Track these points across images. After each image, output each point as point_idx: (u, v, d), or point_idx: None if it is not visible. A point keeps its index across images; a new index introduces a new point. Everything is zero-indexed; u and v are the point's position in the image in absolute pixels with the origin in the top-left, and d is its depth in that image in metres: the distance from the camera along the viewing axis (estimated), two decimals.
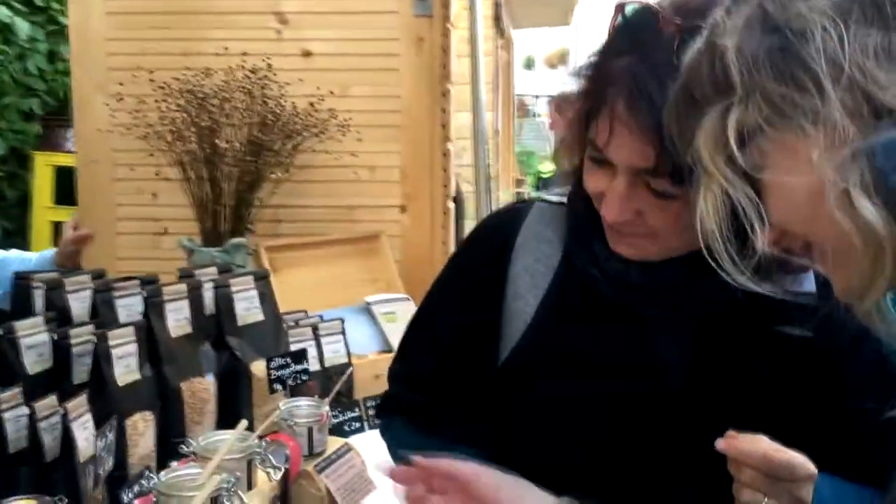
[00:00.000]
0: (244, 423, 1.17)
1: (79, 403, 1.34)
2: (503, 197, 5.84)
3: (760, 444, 0.88)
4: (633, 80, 0.84)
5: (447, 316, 1.14)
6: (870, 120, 0.60)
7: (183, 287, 1.66)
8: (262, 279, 1.82)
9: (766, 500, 0.88)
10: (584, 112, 0.92)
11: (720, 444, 0.88)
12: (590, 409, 1.02)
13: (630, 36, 0.88)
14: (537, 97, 19.99)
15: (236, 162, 2.08)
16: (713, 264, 0.73)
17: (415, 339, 1.19)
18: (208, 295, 1.73)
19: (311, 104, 2.23)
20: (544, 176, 5.67)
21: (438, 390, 1.13)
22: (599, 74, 0.91)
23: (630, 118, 0.85)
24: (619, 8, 0.90)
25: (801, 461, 0.87)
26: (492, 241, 1.11)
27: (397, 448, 1.11)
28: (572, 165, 1.00)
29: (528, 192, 10.19)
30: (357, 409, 1.95)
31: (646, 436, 1.00)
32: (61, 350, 1.48)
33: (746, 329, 0.98)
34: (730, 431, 0.89)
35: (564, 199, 1.07)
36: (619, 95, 0.86)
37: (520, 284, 1.06)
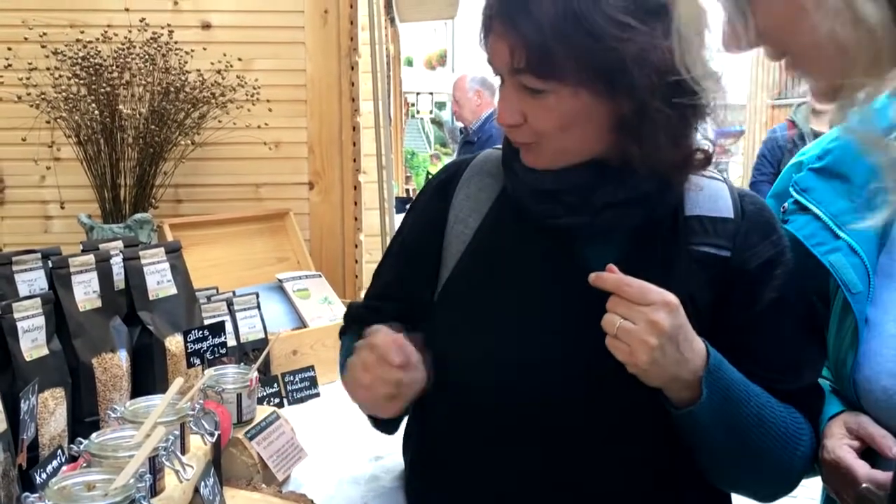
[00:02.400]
0: (180, 381, 1.12)
1: None
2: (395, 189, 5.84)
3: (617, 274, 1.00)
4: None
5: (400, 242, 1.29)
6: None
7: (90, 258, 1.57)
8: (173, 252, 1.74)
9: (620, 321, 0.98)
10: (481, 41, 1.08)
11: (592, 276, 1.01)
12: (509, 315, 1.11)
13: None
14: (418, 94, 20.11)
15: (139, 133, 1.98)
16: None
17: (379, 267, 1.33)
18: (117, 268, 1.64)
19: (218, 72, 2.15)
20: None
21: (388, 297, 1.26)
22: (483, 7, 1.08)
23: (500, 26, 1.03)
24: None
25: (655, 287, 0.99)
26: (441, 178, 1.26)
27: (346, 356, 1.17)
28: None
29: (416, 188, 10.27)
30: (276, 385, 1.90)
31: (564, 341, 1.08)
32: None
33: (669, 245, 1.09)
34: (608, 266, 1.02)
35: None
36: (492, 13, 1.05)
37: (460, 210, 1.18)
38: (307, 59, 2.41)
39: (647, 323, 0.97)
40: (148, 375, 1.62)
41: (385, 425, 1.26)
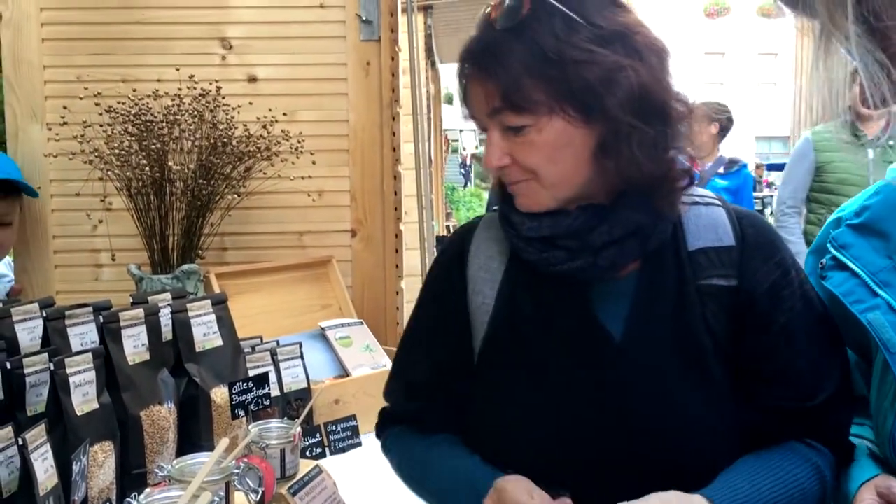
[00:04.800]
0: (225, 441, 1.14)
1: (37, 434, 1.27)
2: (435, 228, 5.88)
3: None
4: (469, 49, 1.11)
5: (427, 328, 1.28)
6: None
7: (140, 312, 1.61)
8: (219, 304, 1.78)
9: None
10: (461, 96, 1.14)
11: None
12: (543, 386, 1.13)
13: (476, 29, 1.12)
14: (462, 131, 20.30)
15: (187, 186, 2.04)
16: None
17: (404, 355, 1.31)
18: (165, 320, 1.68)
19: (264, 126, 2.21)
20: None
21: (432, 395, 1.24)
22: (458, 70, 1.14)
23: (473, 73, 1.10)
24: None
25: None
26: (450, 253, 1.26)
27: (400, 456, 1.25)
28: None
29: (457, 223, 10.33)
30: (318, 435, 1.91)
31: (596, 392, 1.10)
32: (14, 380, 1.40)
33: (677, 282, 1.12)
34: None
35: None
36: (466, 65, 1.11)
37: (477, 282, 1.20)
38: (350, 109, 2.46)
39: None
40: (194, 427, 1.65)
41: None
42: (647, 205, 1.09)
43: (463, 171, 24.87)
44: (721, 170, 4.39)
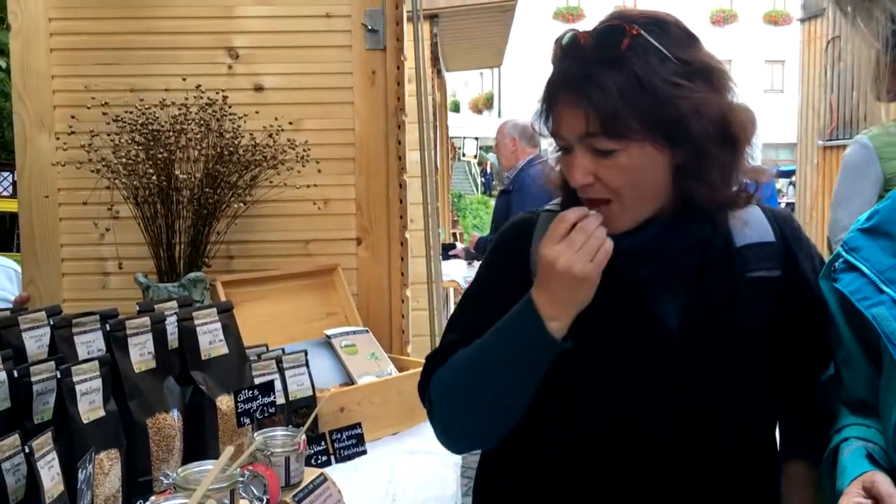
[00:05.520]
0: (230, 449, 1.14)
1: (44, 442, 1.28)
2: (442, 235, 5.89)
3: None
4: (564, 73, 1.17)
5: (492, 287, 1.32)
6: None
7: (146, 320, 1.62)
8: (225, 312, 1.79)
9: None
10: (543, 115, 1.21)
11: None
12: (602, 374, 1.20)
13: (564, 54, 1.19)
14: (465, 139, 20.32)
15: (193, 195, 2.05)
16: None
17: (460, 313, 1.35)
18: (171, 329, 1.69)
19: (270, 135, 2.22)
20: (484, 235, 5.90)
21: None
22: (548, 84, 1.20)
23: (568, 97, 1.15)
24: (558, 40, 1.20)
25: None
26: (519, 229, 1.33)
27: (441, 385, 1.26)
28: (560, 180, 1.27)
29: (462, 231, 10.33)
30: (323, 443, 1.92)
31: (656, 382, 1.19)
32: (21, 388, 1.41)
33: (727, 277, 1.22)
34: None
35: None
36: (559, 88, 1.17)
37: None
38: (355, 118, 2.47)
39: None
40: (200, 434, 1.65)
41: (461, 446, 1.34)
42: (709, 220, 1.20)
43: (483, 179, 24.99)
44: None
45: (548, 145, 1.30)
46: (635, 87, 1.11)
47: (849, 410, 1.23)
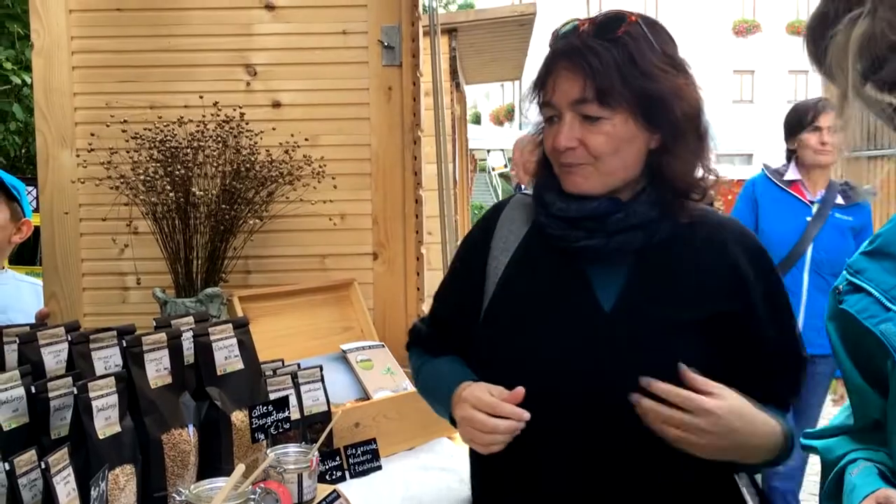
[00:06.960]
0: (242, 467, 1.15)
1: (60, 457, 1.29)
2: None
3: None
4: (566, 45, 1.33)
5: (456, 276, 1.57)
6: None
7: (162, 336, 1.63)
8: (240, 327, 1.80)
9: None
10: (537, 85, 1.36)
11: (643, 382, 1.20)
12: (537, 329, 1.36)
13: (564, 35, 1.35)
14: (489, 151, 20.32)
15: (211, 211, 2.07)
16: None
17: (438, 291, 1.60)
18: (187, 344, 1.70)
19: (286, 151, 2.24)
20: None
21: (448, 328, 1.54)
22: (549, 55, 1.36)
23: (567, 64, 1.31)
24: (555, 33, 1.37)
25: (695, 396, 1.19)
26: (482, 223, 1.52)
27: (415, 367, 1.61)
28: (536, 164, 1.45)
29: None
30: (337, 458, 1.92)
31: (584, 357, 1.31)
32: (39, 404, 1.43)
33: (671, 274, 1.34)
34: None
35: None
36: (560, 56, 1.33)
37: (495, 249, 1.45)
38: (371, 134, 2.48)
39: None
40: (215, 450, 1.66)
41: None
42: (657, 204, 1.33)
43: (514, 189, 24.90)
44: (841, 200, 3.50)
45: None
46: (629, 64, 1.28)
47: (850, 439, 1.25)
